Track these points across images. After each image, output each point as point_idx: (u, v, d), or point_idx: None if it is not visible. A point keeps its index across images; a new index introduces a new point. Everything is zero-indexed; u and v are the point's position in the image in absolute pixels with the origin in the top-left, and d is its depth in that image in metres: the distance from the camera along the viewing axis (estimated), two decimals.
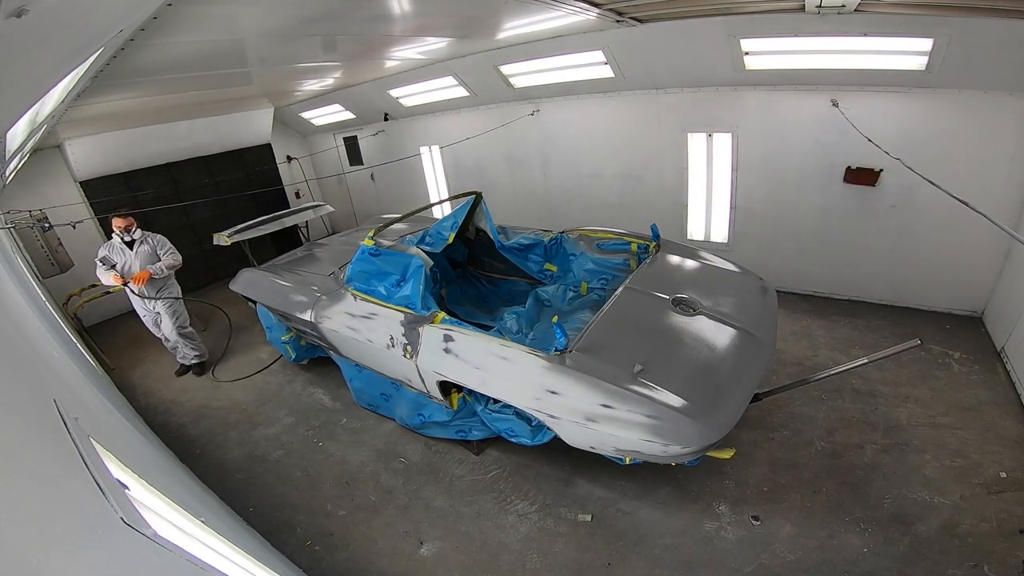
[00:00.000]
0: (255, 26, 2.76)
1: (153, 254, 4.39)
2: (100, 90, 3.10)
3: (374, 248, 3.48)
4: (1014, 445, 2.84)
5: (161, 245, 4.44)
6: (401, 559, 2.68)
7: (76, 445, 1.02)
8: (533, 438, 2.80)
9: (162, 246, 4.45)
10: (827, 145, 4.15)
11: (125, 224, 4.24)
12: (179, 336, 4.64)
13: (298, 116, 8.15)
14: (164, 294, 4.44)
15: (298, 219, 5.62)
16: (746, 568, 2.39)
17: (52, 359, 2.09)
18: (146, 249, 4.38)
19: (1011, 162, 3.52)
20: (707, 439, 2.29)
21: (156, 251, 4.39)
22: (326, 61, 4.37)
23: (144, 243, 4.37)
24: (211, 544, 1.37)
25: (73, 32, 1.34)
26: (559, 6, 3.15)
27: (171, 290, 4.53)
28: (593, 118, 5.40)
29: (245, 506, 3.11)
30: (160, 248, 4.43)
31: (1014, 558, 2.23)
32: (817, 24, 3.36)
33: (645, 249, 3.76)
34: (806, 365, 3.79)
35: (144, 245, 4.36)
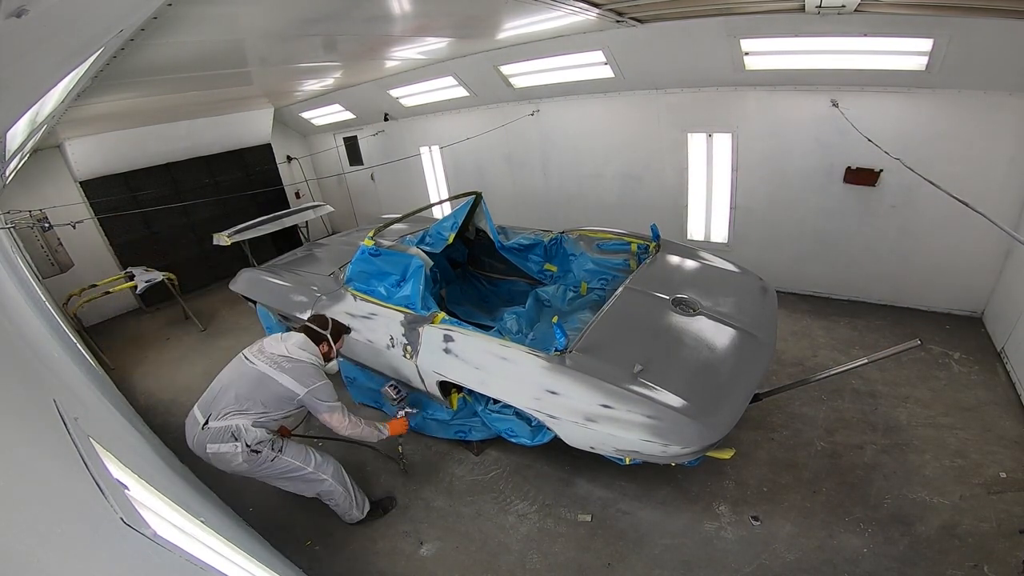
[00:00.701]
0: (255, 26, 2.76)
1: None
2: (100, 90, 3.10)
3: (374, 248, 3.48)
4: (1014, 445, 2.84)
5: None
6: (401, 559, 2.68)
7: (76, 445, 1.02)
8: (533, 438, 2.80)
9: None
10: (827, 145, 4.15)
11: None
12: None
13: (298, 116, 8.15)
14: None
15: (298, 219, 5.62)
16: (746, 568, 2.38)
17: (52, 359, 2.10)
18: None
19: (1011, 162, 3.52)
20: (707, 439, 2.29)
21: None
22: (326, 61, 4.36)
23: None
24: (211, 544, 1.37)
25: (73, 32, 1.34)
26: (559, 6, 3.15)
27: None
28: (593, 118, 5.40)
29: (245, 506, 3.10)
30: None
31: (1014, 558, 2.23)
32: (817, 24, 3.36)
33: (645, 249, 3.76)
34: (806, 365, 3.79)
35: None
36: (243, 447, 2.44)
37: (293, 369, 2.56)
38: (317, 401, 2.58)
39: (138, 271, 5.95)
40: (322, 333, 2.81)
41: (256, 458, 2.49)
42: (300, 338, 2.71)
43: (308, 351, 2.68)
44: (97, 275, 6.08)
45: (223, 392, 2.53)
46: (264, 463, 2.53)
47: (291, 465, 2.61)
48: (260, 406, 2.49)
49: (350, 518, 2.87)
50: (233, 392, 2.50)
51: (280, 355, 2.59)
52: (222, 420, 2.45)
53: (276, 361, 2.57)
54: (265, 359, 2.58)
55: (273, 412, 2.54)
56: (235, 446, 2.43)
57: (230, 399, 2.48)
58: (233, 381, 2.55)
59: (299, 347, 2.65)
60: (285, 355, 2.60)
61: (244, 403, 2.47)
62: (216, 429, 2.44)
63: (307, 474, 2.67)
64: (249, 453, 2.46)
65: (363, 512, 2.89)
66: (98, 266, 6.42)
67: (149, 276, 5.82)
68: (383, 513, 2.98)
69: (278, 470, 2.59)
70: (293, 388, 2.53)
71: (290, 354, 2.61)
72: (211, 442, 2.44)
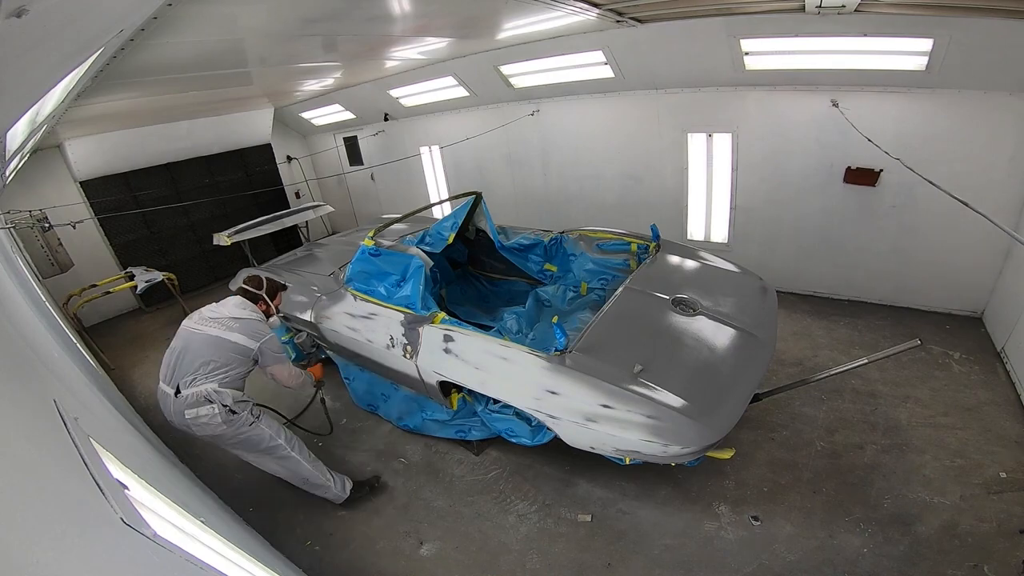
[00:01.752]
0: (255, 26, 2.76)
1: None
2: (100, 90, 3.10)
3: (374, 248, 3.48)
4: (1014, 445, 2.84)
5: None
6: (401, 559, 2.68)
7: (76, 445, 1.02)
8: (533, 438, 2.80)
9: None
10: (827, 145, 4.15)
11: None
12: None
13: (298, 116, 8.15)
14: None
15: (298, 219, 5.63)
16: (746, 568, 2.38)
17: (52, 359, 2.10)
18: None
19: (1011, 162, 3.52)
20: (707, 439, 2.29)
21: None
22: (326, 61, 4.36)
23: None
24: (211, 544, 1.37)
25: (73, 32, 1.34)
26: (559, 6, 3.14)
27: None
28: (593, 118, 5.40)
29: (245, 506, 3.10)
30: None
31: (1014, 558, 2.23)
32: (817, 24, 3.36)
33: (645, 249, 3.76)
34: (806, 365, 3.79)
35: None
36: (220, 408, 2.55)
37: (243, 327, 2.70)
38: (269, 352, 2.73)
39: (138, 271, 5.95)
40: (257, 293, 2.92)
41: (235, 419, 2.61)
42: (237, 299, 2.83)
43: (249, 310, 2.81)
44: (97, 275, 6.08)
45: (180, 361, 2.59)
46: (242, 427, 2.64)
47: (265, 435, 2.73)
48: (221, 367, 2.60)
49: (335, 497, 3.00)
50: (190, 359, 2.58)
51: (227, 317, 2.72)
52: (192, 387, 2.54)
53: (224, 323, 2.68)
54: (213, 324, 2.68)
55: (233, 369, 2.65)
56: (212, 407, 2.54)
57: (190, 366, 2.56)
58: (188, 349, 2.61)
59: (240, 307, 2.78)
60: (231, 316, 2.72)
61: (206, 367, 2.57)
62: (190, 395, 2.54)
63: (279, 447, 2.78)
64: (227, 413, 2.57)
65: (346, 491, 3.02)
66: (98, 266, 6.42)
67: (149, 276, 5.82)
68: (369, 491, 3.11)
69: (253, 440, 2.71)
70: (246, 343, 2.67)
71: (235, 315, 2.73)
72: (188, 408, 2.54)
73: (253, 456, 2.88)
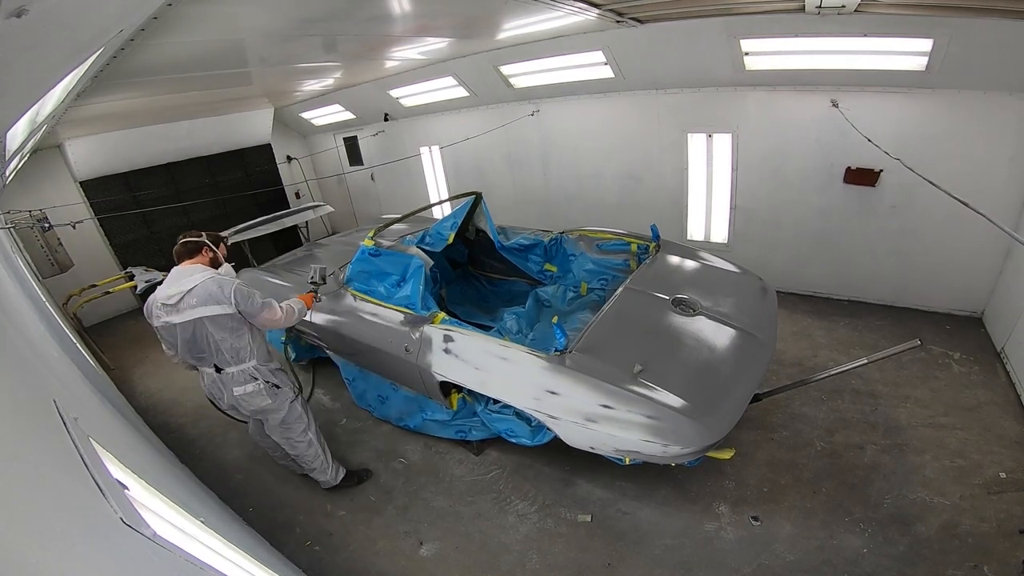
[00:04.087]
0: (255, 26, 2.76)
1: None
2: (100, 90, 3.10)
3: (374, 248, 3.48)
4: (1014, 445, 2.84)
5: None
6: (401, 559, 2.68)
7: (76, 445, 1.01)
8: (533, 438, 2.80)
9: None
10: (827, 145, 4.15)
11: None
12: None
13: (298, 116, 8.15)
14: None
15: (298, 219, 5.63)
16: (746, 568, 2.38)
17: (52, 359, 2.10)
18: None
19: (1011, 162, 3.52)
20: (707, 439, 2.29)
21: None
22: (326, 61, 4.36)
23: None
24: (211, 544, 1.37)
25: (73, 32, 1.34)
26: (559, 6, 3.14)
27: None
28: (593, 118, 5.40)
29: (245, 506, 3.10)
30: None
31: (1014, 558, 2.23)
32: (817, 24, 3.36)
33: (645, 249, 3.76)
34: (806, 365, 3.79)
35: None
36: (263, 383, 2.61)
37: (200, 295, 2.39)
38: (246, 302, 2.46)
39: (138, 271, 5.94)
40: (196, 241, 2.64)
41: (278, 393, 2.69)
42: (175, 271, 2.52)
43: (195, 272, 2.49)
44: (97, 275, 6.07)
45: (192, 351, 2.50)
46: (285, 402, 2.74)
47: (298, 414, 2.83)
48: (232, 344, 2.51)
49: (324, 482, 3.06)
50: (198, 349, 2.50)
51: (180, 294, 2.38)
52: (232, 366, 2.55)
53: (185, 304, 2.38)
54: (176, 311, 2.40)
55: (242, 337, 2.53)
56: (257, 384, 2.60)
57: (210, 353, 2.51)
58: (187, 342, 2.47)
59: (183, 276, 2.46)
60: (182, 292, 2.39)
61: (224, 351, 2.50)
62: (235, 373, 2.56)
63: (305, 429, 2.88)
64: (271, 388, 2.64)
65: (337, 479, 3.08)
66: (98, 266, 6.42)
67: (149, 276, 5.81)
68: (357, 483, 3.16)
69: (291, 418, 2.81)
70: (220, 310, 2.42)
71: (183, 288, 2.40)
72: (236, 385, 2.57)
73: (281, 432, 2.85)
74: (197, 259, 2.60)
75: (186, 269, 2.53)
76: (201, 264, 2.58)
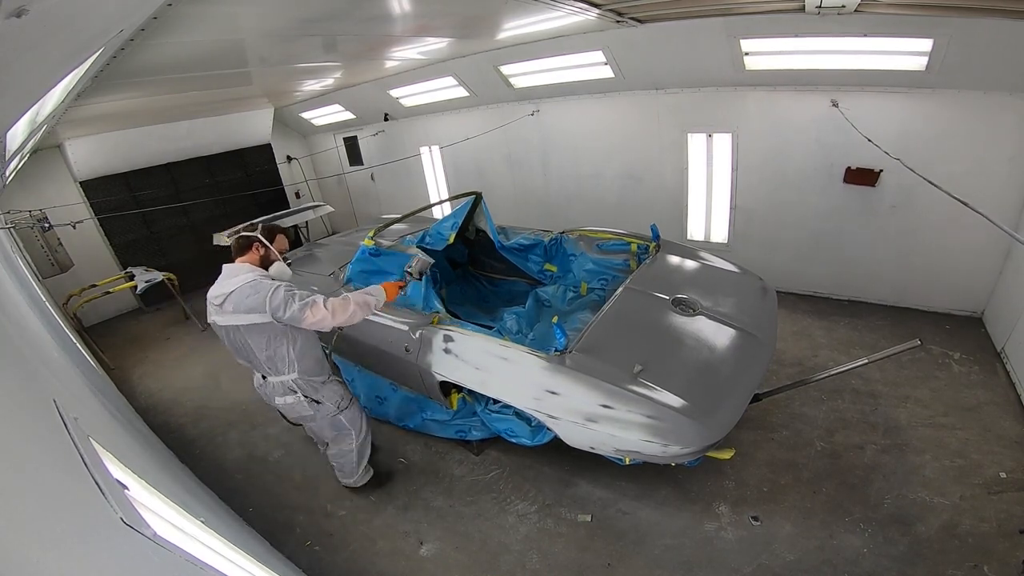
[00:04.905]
0: (255, 26, 2.76)
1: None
2: (100, 90, 3.10)
3: (374, 248, 3.48)
4: (1014, 445, 2.84)
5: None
6: (401, 559, 2.68)
7: (76, 445, 1.01)
8: (533, 438, 2.80)
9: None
10: (827, 145, 4.15)
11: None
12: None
13: (298, 116, 8.15)
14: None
15: (298, 219, 5.64)
16: (746, 568, 2.38)
17: (52, 359, 2.10)
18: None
19: (1011, 162, 3.52)
20: (707, 439, 2.29)
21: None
22: (326, 61, 4.36)
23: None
24: (211, 544, 1.37)
25: (73, 32, 1.34)
26: (559, 6, 3.14)
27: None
28: (593, 118, 5.40)
29: (245, 506, 3.10)
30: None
31: (1014, 558, 2.23)
32: (817, 24, 3.36)
33: (645, 249, 3.76)
34: (806, 365, 3.79)
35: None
36: (303, 397, 2.55)
37: (236, 301, 2.21)
38: (285, 308, 2.20)
39: (138, 271, 5.95)
40: (247, 237, 2.42)
41: (319, 408, 2.63)
42: (225, 269, 2.36)
43: (239, 272, 2.32)
44: (97, 275, 6.08)
45: (240, 355, 2.47)
46: (327, 416, 2.68)
47: (343, 428, 2.79)
48: (270, 354, 2.38)
49: (348, 481, 2.99)
50: (244, 355, 2.45)
51: (223, 296, 2.24)
52: (275, 376, 2.50)
53: (226, 307, 2.25)
54: (220, 312, 2.29)
55: (280, 347, 2.39)
56: (296, 396, 2.55)
57: (253, 360, 2.45)
58: (232, 345, 2.42)
59: (228, 276, 2.32)
60: (224, 293, 2.24)
61: (263, 361, 2.41)
62: (276, 384, 2.52)
63: (350, 441, 2.82)
64: (311, 403, 2.58)
65: (359, 483, 3.00)
66: (98, 266, 6.43)
67: (149, 276, 5.82)
68: (377, 486, 3.11)
69: (334, 431, 2.78)
70: (255, 318, 2.22)
71: (225, 290, 2.24)
72: (277, 395, 2.56)
73: (322, 425, 2.78)
74: (246, 256, 2.41)
75: (233, 268, 2.37)
76: (249, 263, 2.39)
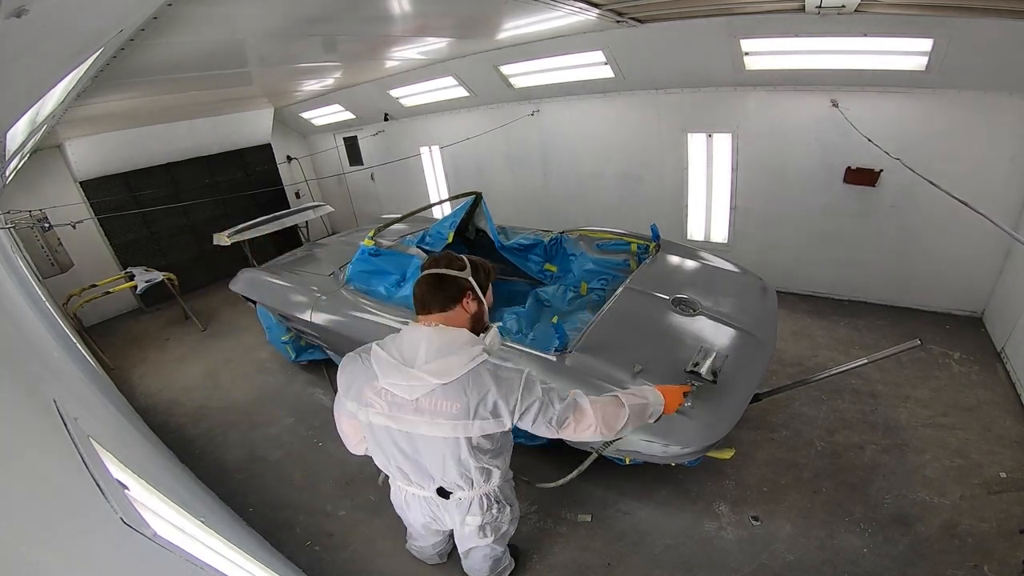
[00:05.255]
0: (255, 26, 2.76)
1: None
2: (100, 90, 3.10)
3: (374, 248, 3.48)
4: (1014, 445, 2.84)
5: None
6: (401, 559, 2.67)
7: (76, 445, 1.01)
8: (533, 438, 2.80)
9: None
10: (827, 145, 4.15)
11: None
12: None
13: (298, 116, 8.15)
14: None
15: (298, 219, 5.63)
16: (746, 568, 2.38)
17: (52, 359, 2.10)
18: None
19: (1011, 162, 3.52)
20: (707, 439, 2.28)
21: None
22: (326, 61, 4.37)
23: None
24: (211, 544, 1.37)
25: (73, 32, 1.34)
26: (559, 6, 3.14)
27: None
28: (593, 118, 5.40)
29: (245, 506, 3.10)
30: None
31: (1014, 558, 2.23)
32: (817, 24, 3.36)
33: (645, 249, 3.76)
34: (806, 365, 3.79)
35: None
36: (505, 505, 1.86)
37: (464, 403, 1.44)
38: (541, 416, 1.51)
39: (138, 271, 5.95)
40: (455, 280, 1.52)
41: (505, 513, 1.90)
42: (412, 336, 1.49)
43: (452, 348, 1.46)
44: (97, 275, 6.08)
45: (420, 468, 1.66)
46: (511, 525, 1.98)
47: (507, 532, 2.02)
48: (478, 468, 1.64)
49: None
50: (429, 467, 1.64)
51: (427, 388, 1.43)
52: (467, 490, 1.71)
53: (431, 406, 1.45)
54: (402, 411, 1.48)
55: (496, 458, 1.70)
56: (499, 509, 1.83)
57: (440, 472, 1.65)
58: (402, 452, 1.61)
59: (433, 352, 1.45)
60: (430, 385, 1.43)
61: (471, 476, 1.66)
62: (466, 500, 1.74)
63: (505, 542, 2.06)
64: (509, 509, 1.90)
65: (506, 572, 2.34)
66: (98, 266, 6.42)
67: (149, 276, 5.82)
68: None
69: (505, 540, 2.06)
70: (491, 427, 1.49)
71: (432, 376, 1.42)
72: (469, 514, 1.78)
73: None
74: (454, 311, 1.53)
75: (442, 335, 1.47)
76: (462, 328, 1.52)
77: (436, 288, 1.51)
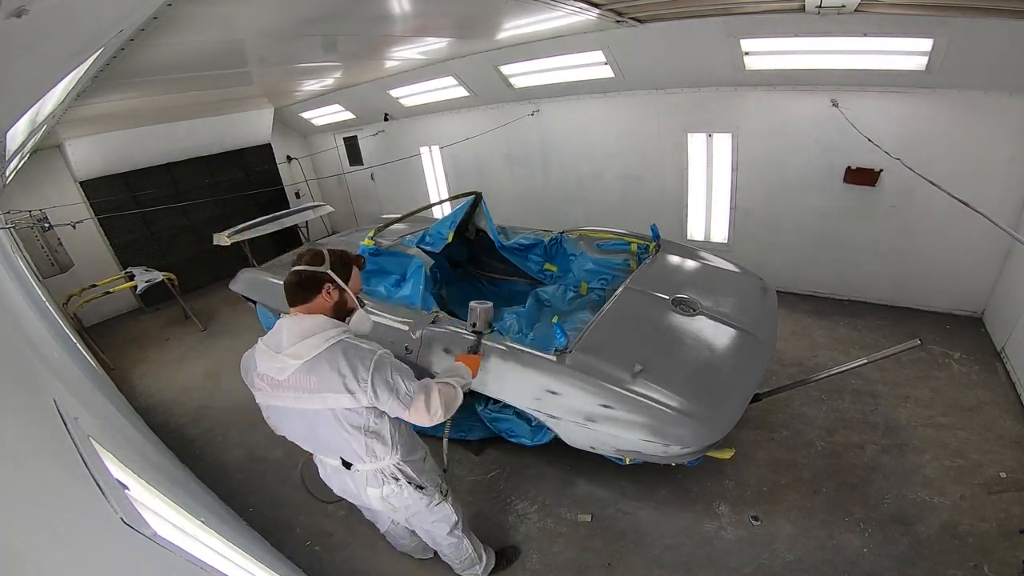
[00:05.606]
0: (255, 26, 2.76)
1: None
2: (100, 90, 3.10)
3: (374, 248, 3.48)
4: (1014, 445, 2.84)
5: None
6: (401, 559, 2.67)
7: (76, 445, 1.02)
8: (533, 438, 2.80)
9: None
10: (827, 145, 4.15)
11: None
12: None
13: (298, 116, 8.15)
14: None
15: (298, 219, 5.64)
16: (746, 568, 2.38)
17: (52, 359, 2.10)
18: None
19: (1011, 162, 3.52)
20: (707, 439, 2.29)
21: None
22: (326, 61, 4.37)
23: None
24: (211, 544, 1.37)
25: (73, 32, 1.34)
26: (559, 6, 3.15)
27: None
28: (593, 118, 5.40)
29: (245, 506, 3.11)
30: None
31: (1014, 558, 2.23)
32: (817, 24, 3.36)
33: (645, 249, 3.76)
34: (806, 365, 3.79)
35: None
36: (405, 484, 1.91)
37: (322, 377, 1.61)
38: (387, 396, 1.65)
39: (138, 271, 5.95)
40: (311, 274, 1.70)
41: (423, 495, 1.98)
42: (286, 325, 1.67)
43: (314, 331, 1.63)
44: (97, 275, 6.08)
45: (308, 441, 1.84)
46: (431, 505, 2.04)
47: (444, 514, 2.13)
48: (360, 444, 1.74)
49: (470, 574, 2.41)
50: (320, 444, 1.83)
51: (290, 368, 1.62)
52: (365, 464, 1.82)
53: (296, 383, 1.63)
54: (280, 390, 1.66)
55: (378, 433, 1.76)
56: (399, 484, 1.89)
57: (331, 448, 1.83)
58: (297, 431, 1.81)
59: (295, 335, 1.63)
60: (292, 366, 1.61)
61: (361, 446, 1.76)
62: (367, 472, 1.84)
63: (452, 528, 2.18)
64: (416, 489, 1.94)
65: (486, 571, 2.42)
66: (98, 266, 6.42)
67: (149, 276, 5.82)
68: (507, 565, 2.53)
69: (436, 519, 2.13)
70: (346, 401, 1.63)
71: (295, 358, 1.61)
72: (370, 486, 1.88)
73: (423, 526, 2.17)
74: (315, 302, 1.70)
75: (300, 323, 1.66)
76: (323, 315, 1.70)
77: (296, 284, 1.73)
